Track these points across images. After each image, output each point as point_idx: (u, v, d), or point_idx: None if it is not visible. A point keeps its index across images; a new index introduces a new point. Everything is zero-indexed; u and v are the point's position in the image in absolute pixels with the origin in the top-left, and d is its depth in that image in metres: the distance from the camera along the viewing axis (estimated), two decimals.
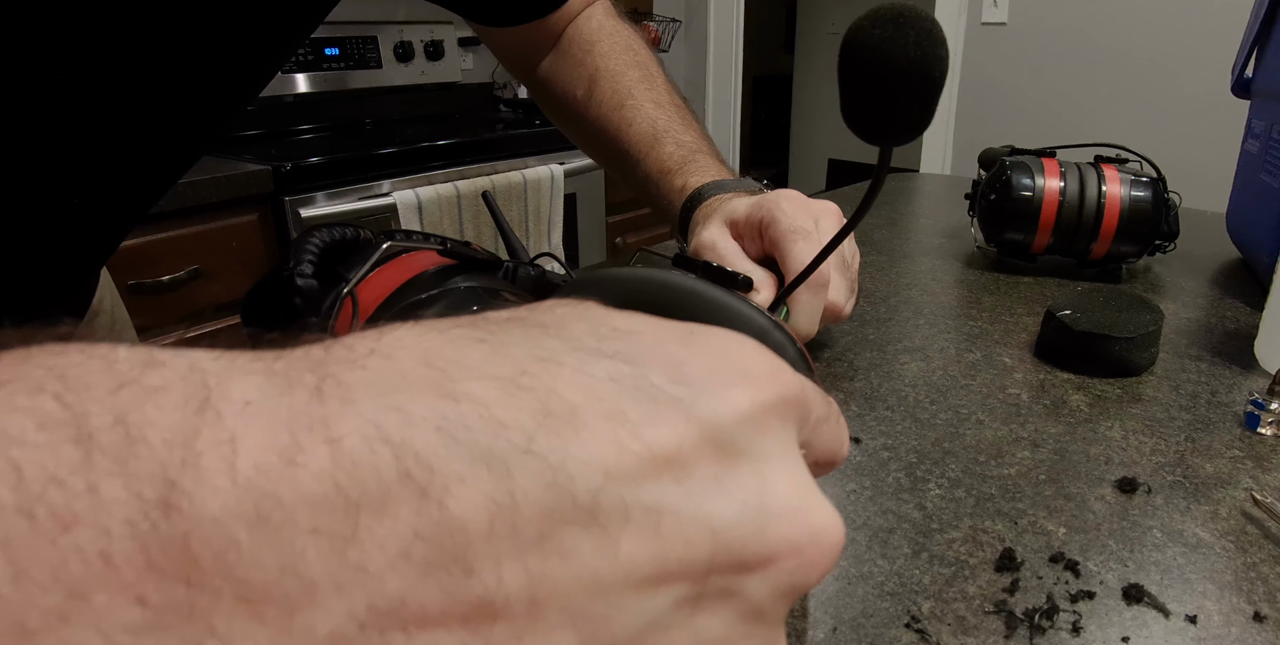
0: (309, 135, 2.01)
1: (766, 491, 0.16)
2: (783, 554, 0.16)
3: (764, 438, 0.17)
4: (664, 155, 0.59)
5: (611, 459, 0.14)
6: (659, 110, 0.61)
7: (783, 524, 0.16)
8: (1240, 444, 0.47)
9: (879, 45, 0.28)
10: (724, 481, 0.16)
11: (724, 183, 0.56)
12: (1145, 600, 0.34)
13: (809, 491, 0.17)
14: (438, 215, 1.68)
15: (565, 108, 0.67)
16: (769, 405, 0.17)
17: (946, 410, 0.51)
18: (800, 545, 0.16)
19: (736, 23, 2.99)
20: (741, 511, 0.16)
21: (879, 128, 0.29)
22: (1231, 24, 2.14)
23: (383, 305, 0.34)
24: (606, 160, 0.67)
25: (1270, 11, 0.76)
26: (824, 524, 0.17)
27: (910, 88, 0.28)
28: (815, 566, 0.17)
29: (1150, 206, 0.72)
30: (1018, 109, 2.61)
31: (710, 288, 0.32)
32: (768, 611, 0.16)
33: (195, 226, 1.44)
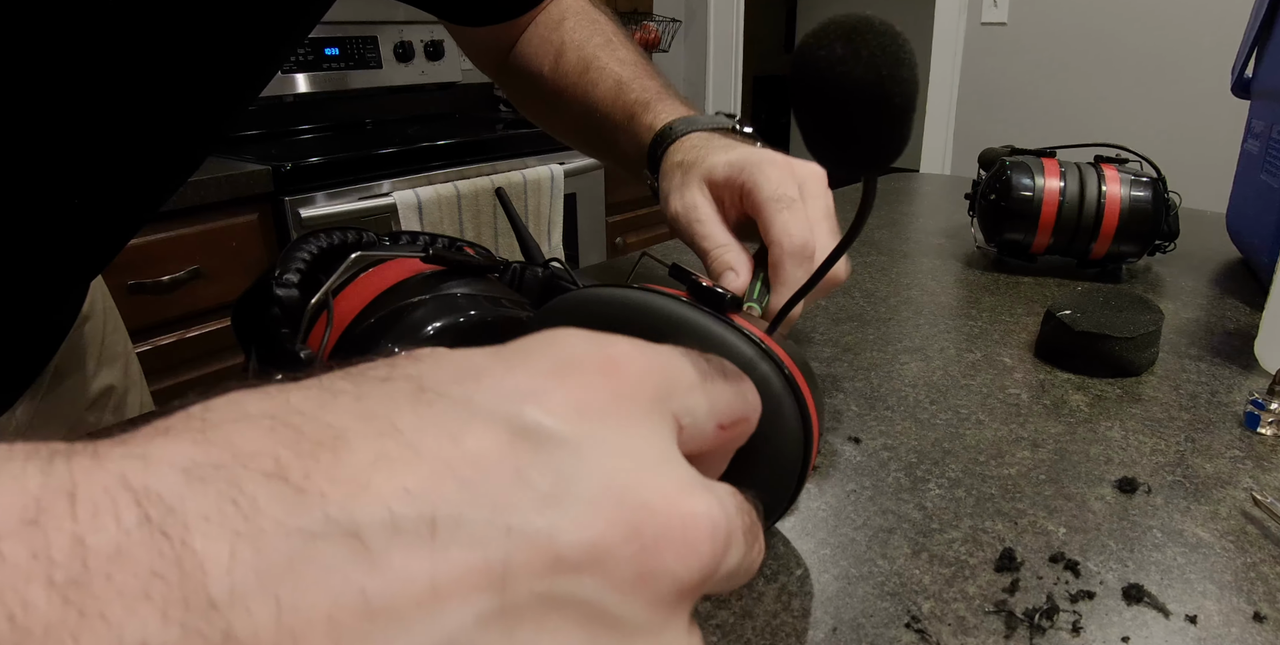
0: (309, 135, 2.01)
1: (585, 477, 0.15)
2: (612, 543, 0.14)
3: (587, 422, 0.16)
4: (629, 101, 0.57)
5: (373, 473, 0.13)
6: (622, 67, 0.60)
7: (606, 509, 0.14)
8: (1240, 444, 0.47)
9: (829, 67, 0.24)
10: (527, 474, 0.14)
11: (694, 119, 0.54)
12: (1145, 600, 0.34)
13: (653, 469, 0.16)
14: (438, 215, 1.68)
15: (533, 87, 0.66)
16: (593, 388, 0.16)
17: (946, 410, 0.51)
18: (635, 528, 0.15)
19: (736, 23, 2.99)
20: (546, 503, 0.14)
21: (842, 157, 0.26)
22: (1231, 24, 2.14)
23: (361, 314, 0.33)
24: (576, 131, 0.65)
25: (1270, 11, 0.76)
26: (667, 501, 0.15)
27: (869, 114, 0.24)
28: (666, 551, 0.15)
29: (1150, 206, 0.72)
30: (1018, 109, 2.61)
31: (696, 315, 0.30)
32: (623, 615, 0.14)
33: (195, 226, 1.44)
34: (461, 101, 2.39)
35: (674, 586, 0.15)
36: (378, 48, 2.12)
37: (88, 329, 0.61)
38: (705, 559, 0.15)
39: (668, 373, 0.18)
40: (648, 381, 0.17)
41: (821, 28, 0.25)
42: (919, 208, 1.07)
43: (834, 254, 0.29)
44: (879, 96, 0.24)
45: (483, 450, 0.14)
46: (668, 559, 0.15)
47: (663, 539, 0.15)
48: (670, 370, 0.18)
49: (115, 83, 0.38)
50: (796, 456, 0.31)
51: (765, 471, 0.31)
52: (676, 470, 0.16)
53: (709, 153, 0.49)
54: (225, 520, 0.12)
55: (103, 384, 0.62)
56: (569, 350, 0.17)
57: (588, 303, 0.32)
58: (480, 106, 2.48)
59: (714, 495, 0.16)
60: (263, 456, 0.13)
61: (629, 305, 0.31)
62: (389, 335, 0.32)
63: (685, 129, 0.53)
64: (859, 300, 0.70)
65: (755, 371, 0.29)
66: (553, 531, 0.14)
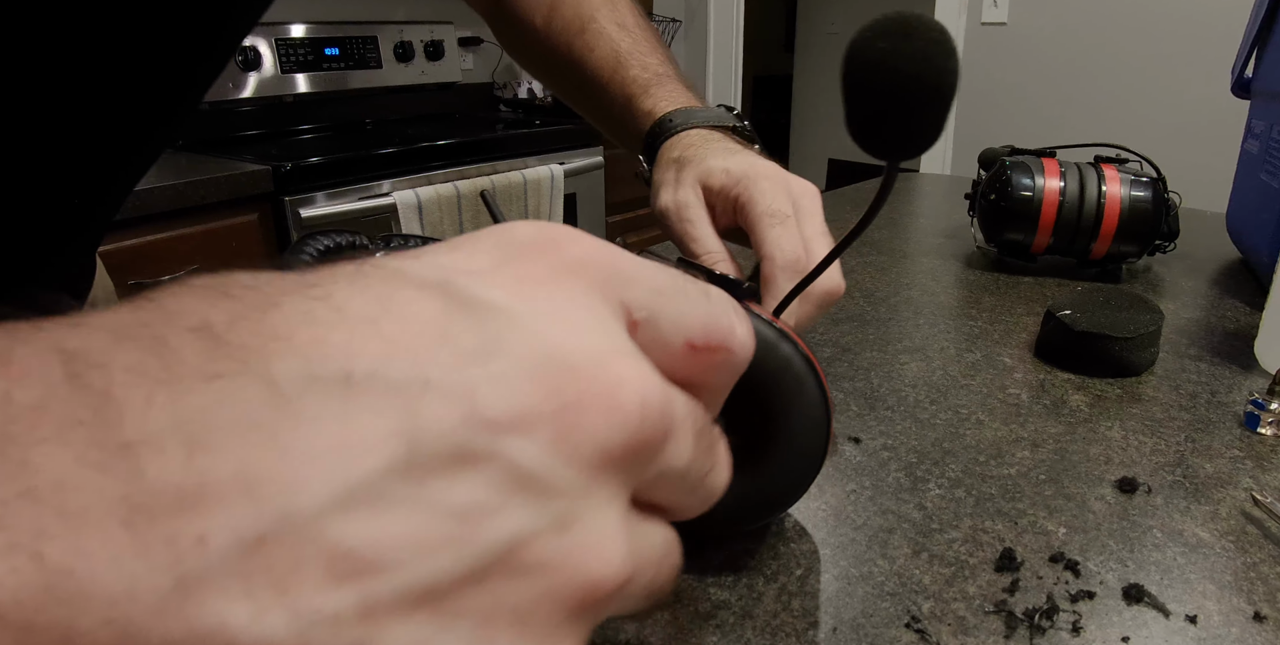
0: (309, 135, 2.01)
1: (513, 339, 0.15)
2: (532, 401, 0.14)
3: (523, 290, 0.16)
4: (628, 79, 0.55)
5: (296, 328, 0.13)
6: (622, 32, 0.58)
7: (529, 368, 0.14)
8: (1240, 444, 0.47)
9: (884, 59, 0.26)
10: (454, 333, 0.14)
11: (694, 111, 0.52)
12: (1145, 600, 0.34)
13: (585, 336, 0.15)
14: (438, 215, 1.68)
15: (524, 36, 0.62)
16: (533, 263, 0.16)
17: (946, 410, 0.51)
18: (557, 388, 0.14)
19: (736, 23, 2.99)
20: (469, 360, 0.14)
21: (885, 143, 0.28)
22: (1231, 24, 2.14)
23: None
24: (566, 91, 0.62)
25: (1270, 11, 0.76)
26: (595, 363, 0.15)
27: (918, 103, 0.27)
28: (590, 411, 0.14)
29: (1150, 206, 0.72)
30: (1018, 109, 2.61)
31: None
32: (540, 475, 0.14)
33: (195, 226, 1.44)
34: (461, 101, 2.39)
35: (596, 449, 0.15)
36: (378, 48, 2.12)
37: None
38: (632, 424, 0.15)
39: (620, 265, 0.17)
40: (592, 264, 0.17)
41: (877, 22, 0.27)
42: (919, 208, 1.07)
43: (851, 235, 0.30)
44: (930, 86, 0.26)
45: (411, 312, 0.14)
46: (591, 419, 0.14)
47: (586, 399, 0.14)
48: (625, 263, 0.17)
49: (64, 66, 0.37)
50: (820, 435, 0.32)
51: (787, 451, 0.32)
52: (612, 339, 0.16)
53: (707, 154, 0.49)
54: (147, 370, 0.12)
55: None
56: (514, 233, 0.17)
57: None
58: (480, 106, 2.48)
59: (653, 375, 0.16)
60: (191, 315, 0.13)
61: None
62: None
63: (685, 123, 0.52)
64: (859, 300, 0.70)
65: (777, 352, 0.31)
66: (471, 386, 0.14)
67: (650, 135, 0.52)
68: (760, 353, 0.31)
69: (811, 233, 0.45)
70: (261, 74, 1.91)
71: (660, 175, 0.50)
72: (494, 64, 2.52)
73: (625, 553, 0.15)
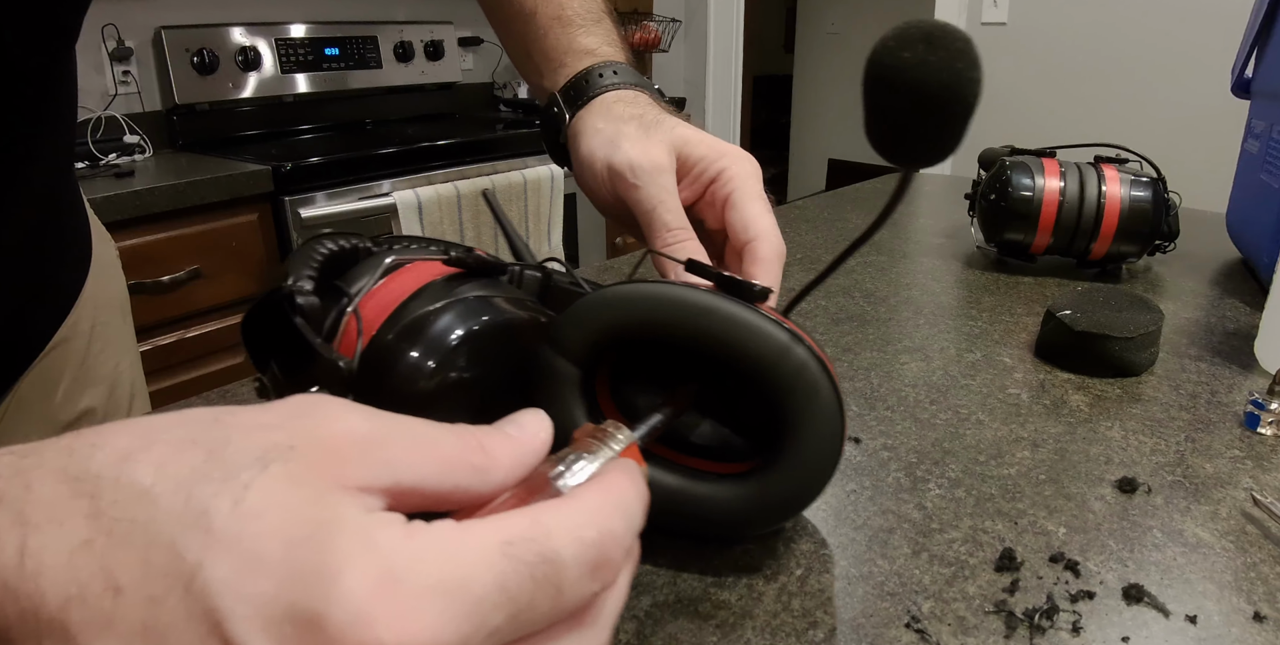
0: (309, 135, 2.01)
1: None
2: None
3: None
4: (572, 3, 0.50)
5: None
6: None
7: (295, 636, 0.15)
8: (1240, 444, 0.47)
9: (908, 69, 0.26)
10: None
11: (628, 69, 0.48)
12: (1145, 600, 0.34)
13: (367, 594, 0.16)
14: (438, 215, 1.68)
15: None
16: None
17: (946, 410, 0.51)
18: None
19: (736, 23, 2.99)
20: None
21: (907, 151, 0.28)
22: (1231, 24, 2.14)
23: (388, 321, 0.33)
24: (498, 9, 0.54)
25: (1270, 11, 0.76)
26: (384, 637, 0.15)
27: (943, 113, 0.26)
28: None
29: (1150, 206, 0.72)
30: (1018, 109, 2.61)
31: (730, 305, 0.32)
32: None
33: (195, 226, 1.44)
34: (461, 101, 2.39)
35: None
36: (378, 48, 2.12)
37: (59, 353, 0.56)
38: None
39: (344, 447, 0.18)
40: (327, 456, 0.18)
41: (902, 31, 0.27)
42: (919, 208, 1.07)
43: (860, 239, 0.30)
44: (956, 96, 0.26)
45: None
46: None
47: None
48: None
49: None
50: (834, 440, 0.32)
51: (802, 456, 0.33)
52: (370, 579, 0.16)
53: (675, 123, 0.45)
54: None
55: (79, 408, 0.58)
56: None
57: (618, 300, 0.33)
58: (480, 106, 2.48)
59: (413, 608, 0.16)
60: None
61: (662, 299, 0.32)
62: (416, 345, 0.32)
63: (635, 82, 0.48)
64: (859, 300, 0.70)
65: (791, 356, 0.31)
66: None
67: (586, 74, 0.47)
68: (775, 358, 0.31)
69: None
70: (261, 74, 1.91)
71: (609, 125, 0.45)
72: (494, 64, 2.52)
73: None
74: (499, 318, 0.34)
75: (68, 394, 0.57)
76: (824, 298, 0.71)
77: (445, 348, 0.32)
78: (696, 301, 0.32)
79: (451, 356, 0.32)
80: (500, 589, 0.16)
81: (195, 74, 1.80)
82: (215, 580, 0.15)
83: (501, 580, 0.17)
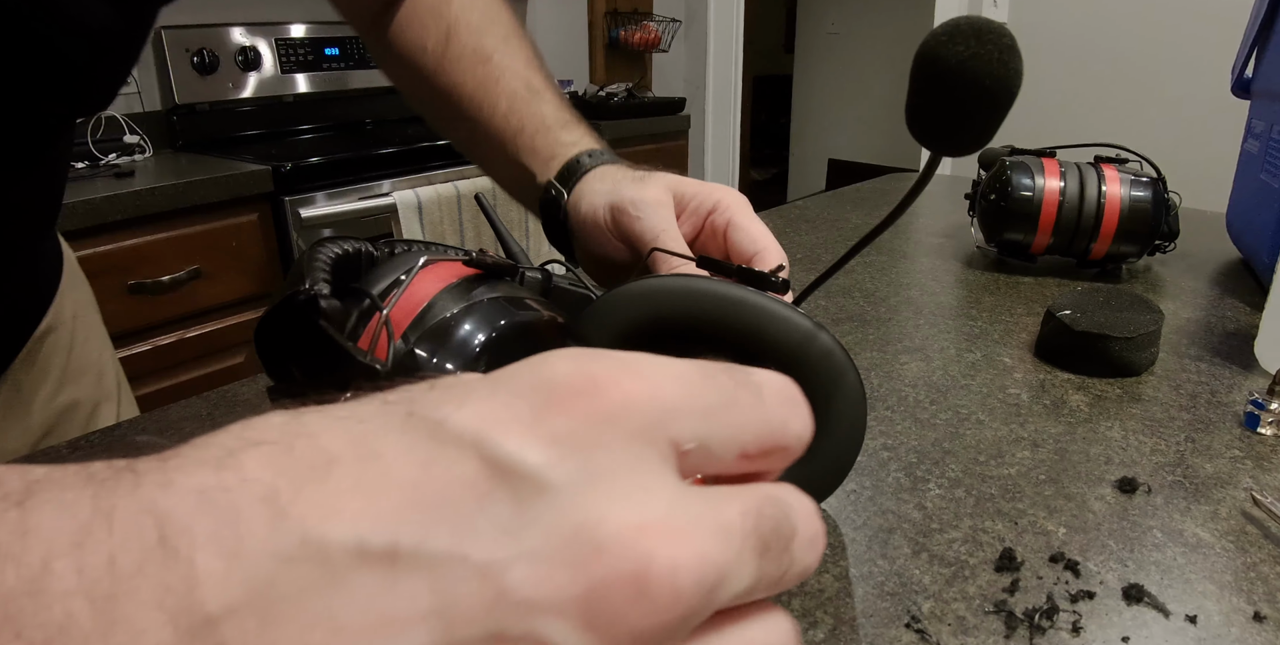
0: (309, 135, 2.01)
1: (546, 512, 0.15)
2: (559, 584, 0.14)
3: (558, 450, 0.15)
4: (545, 111, 0.54)
5: (349, 499, 0.14)
6: (530, 71, 0.56)
7: (559, 548, 0.14)
8: (1240, 444, 0.47)
9: (964, 62, 0.27)
10: (490, 505, 0.15)
11: (614, 156, 0.52)
12: (1145, 600, 0.34)
13: (620, 505, 0.15)
14: (438, 215, 1.68)
15: (412, 62, 0.59)
16: (571, 413, 0.16)
17: (946, 410, 0.51)
18: (585, 572, 0.14)
19: (736, 23, 2.98)
20: (503, 537, 0.14)
21: (950, 140, 0.29)
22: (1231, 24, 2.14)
23: (413, 323, 0.33)
24: (456, 118, 0.58)
25: (1270, 11, 0.76)
26: (624, 544, 0.14)
27: (991, 104, 0.28)
28: (617, 598, 0.14)
29: (1150, 206, 0.72)
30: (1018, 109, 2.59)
31: (753, 294, 0.32)
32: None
33: (195, 226, 1.44)
34: None
35: (628, 634, 0.14)
36: None
37: (49, 342, 0.58)
38: (662, 607, 0.14)
39: (663, 395, 0.17)
40: (635, 406, 0.16)
41: (951, 27, 0.28)
42: (919, 208, 1.07)
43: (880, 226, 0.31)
44: (1005, 87, 0.28)
45: (451, 477, 0.15)
46: (618, 606, 0.14)
47: (613, 585, 0.14)
48: (668, 392, 0.17)
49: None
50: (860, 423, 0.33)
51: (831, 439, 0.33)
52: (648, 506, 0.15)
53: (665, 173, 0.49)
54: (224, 541, 0.14)
55: (67, 399, 0.60)
56: (552, 373, 0.16)
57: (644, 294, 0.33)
58: None
59: (689, 533, 0.15)
60: (260, 481, 0.14)
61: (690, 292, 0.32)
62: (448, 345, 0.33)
63: (615, 161, 0.52)
64: (859, 300, 0.70)
65: (817, 342, 0.31)
66: (505, 566, 0.14)
67: (576, 158, 0.51)
68: (801, 343, 0.31)
69: None
70: (261, 74, 1.91)
71: (605, 183, 0.48)
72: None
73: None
74: (524, 317, 0.34)
75: (59, 382, 0.59)
76: (824, 298, 0.71)
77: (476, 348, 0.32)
78: (723, 292, 0.32)
79: (483, 355, 0.32)
80: (755, 535, 0.16)
81: (195, 74, 1.80)
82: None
83: (757, 532, 0.17)
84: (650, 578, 0.14)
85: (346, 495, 0.14)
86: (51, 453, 0.47)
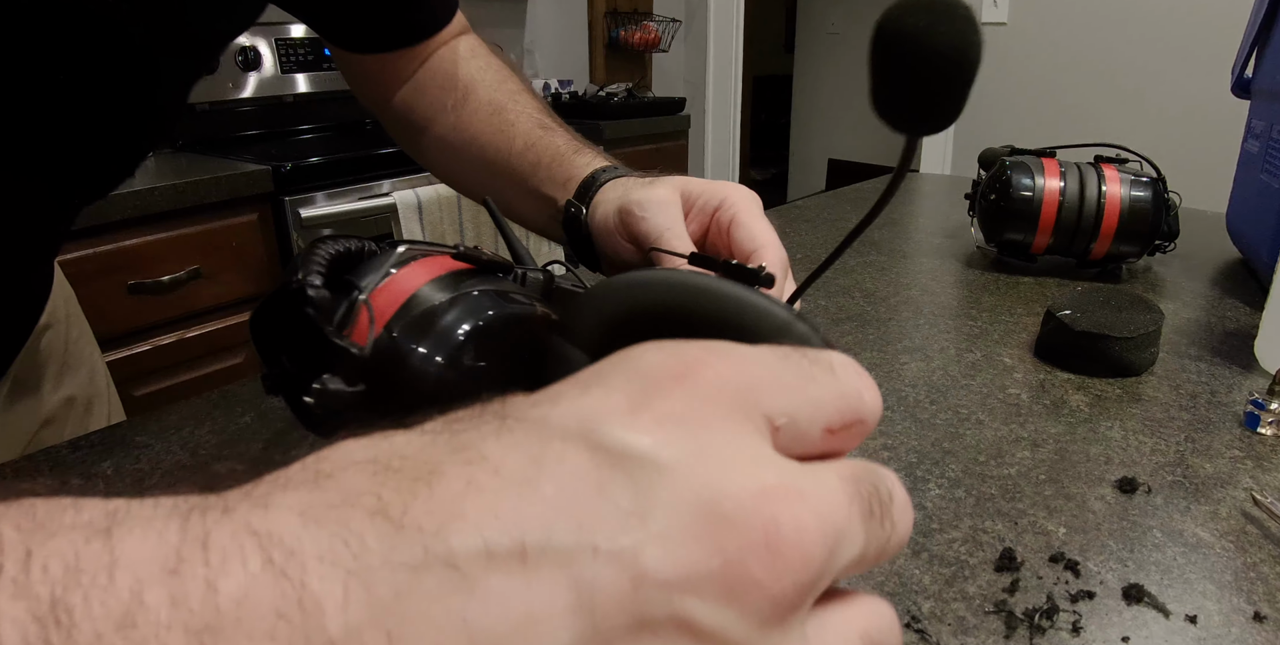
0: (309, 135, 2.01)
1: (666, 490, 0.15)
2: (696, 559, 0.14)
3: (664, 431, 0.15)
4: (556, 146, 0.57)
5: (464, 501, 0.14)
6: (544, 115, 0.60)
7: (687, 523, 0.14)
8: (1240, 444, 0.47)
9: (920, 34, 0.27)
10: (609, 490, 0.14)
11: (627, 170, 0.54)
12: (1145, 600, 0.34)
13: (736, 476, 0.15)
14: (438, 215, 1.68)
15: (428, 128, 0.63)
16: (670, 396, 0.16)
17: (946, 410, 0.51)
18: (718, 543, 0.14)
19: (736, 23, 2.98)
20: (629, 521, 0.14)
21: (914, 118, 0.29)
22: (1231, 24, 2.14)
23: (399, 311, 0.34)
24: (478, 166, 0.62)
25: (1270, 11, 0.76)
26: (749, 511, 0.15)
27: (952, 76, 0.28)
28: (752, 564, 0.14)
29: (1150, 206, 0.72)
30: (1018, 109, 2.61)
31: (730, 285, 0.32)
32: (721, 630, 0.14)
33: (195, 226, 1.44)
34: None
35: (767, 599, 0.14)
36: None
37: (48, 338, 0.59)
38: (796, 568, 0.15)
39: (751, 374, 0.17)
40: (729, 385, 0.17)
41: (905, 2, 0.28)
42: (919, 208, 1.07)
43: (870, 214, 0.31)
44: (965, 59, 0.27)
45: (564, 469, 0.15)
46: (755, 572, 0.14)
47: (747, 552, 0.14)
48: (754, 371, 0.17)
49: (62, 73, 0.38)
50: None
51: None
52: (762, 474, 0.16)
53: (674, 175, 0.50)
54: (338, 560, 0.13)
55: (64, 394, 0.61)
56: (643, 363, 0.17)
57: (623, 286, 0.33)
58: None
59: (806, 495, 0.16)
60: (367, 495, 0.14)
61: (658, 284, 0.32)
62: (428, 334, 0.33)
63: (628, 172, 0.53)
64: (859, 300, 0.70)
65: (794, 330, 0.31)
66: (637, 550, 0.14)
67: (589, 179, 0.53)
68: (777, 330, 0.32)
69: None
70: (261, 74, 1.91)
71: (621, 191, 0.50)
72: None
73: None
74: (511, 310, 0.35)
75: (55, 379, 0.60)
76: (824, 298, 0.71)
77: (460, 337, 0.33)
78: (695, 283, 0.32)
79: (467, 345, 0.32)
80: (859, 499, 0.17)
81: None
82: None
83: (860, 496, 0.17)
84: (781, 539, 0.15)
85: (460, 500, 0.14)
86: (52, 452, 0.47)
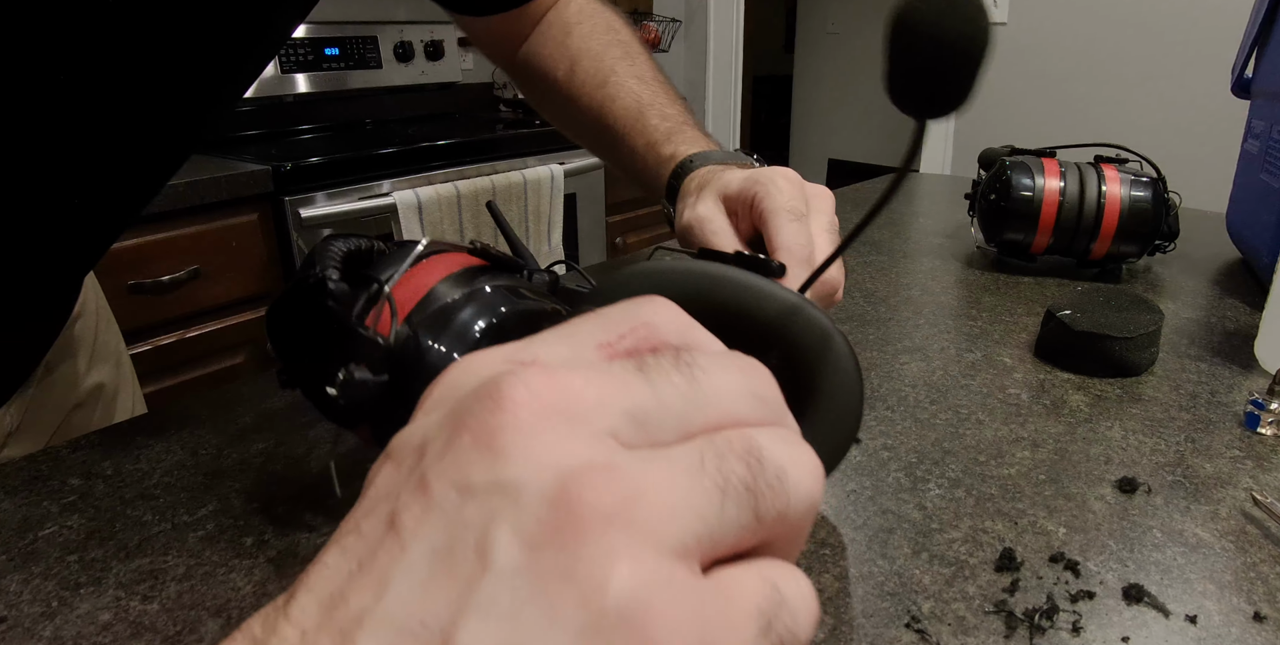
0: (309, 135, 2.01)
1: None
2: None
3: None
4: (649, 127, 0.58)
5: None
6: (642, 85, 0.61)
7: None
8: (1240, 444, 0.47)
9: (936, 20, 0.28)
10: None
11: (711, 154, 0.55)
12: (1145, 600, 0.34)
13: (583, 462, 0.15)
14: (438, 215, 1.68)
15: (547, 90, 0.66)
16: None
17: (946, 410, 0.51)
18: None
19: (736, 23, 2.98)
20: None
21: (926, 102, 0.30)
22: (1231, 24, 2.14)
23: (418, 306, 0.35)
24: (590, 139, 0.66)
25: (1270, 11, 0.76)
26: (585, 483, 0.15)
27: (965, 61, 0.29)
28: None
29: (1150, 206, 0.72)
30: (1018, 109, 2.61)
31: (741, 272, 0.32)
32: None
33: (195, 226, 1.44)
34: (461, 101, 2.39)
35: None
36: (378, 48, 2.12)
37: (79, 327, 0.61)
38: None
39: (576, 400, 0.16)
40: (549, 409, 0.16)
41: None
42: (919, 208, 1.07)
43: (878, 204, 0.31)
44: (976, 45, 0.28)
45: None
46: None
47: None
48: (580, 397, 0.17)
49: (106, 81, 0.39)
50: (855, 392, 0.33)
51: (826, 411, 0.33)
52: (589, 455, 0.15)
53: (725, 172, 0.50)
54: None
55: (93, 382, 0.62)
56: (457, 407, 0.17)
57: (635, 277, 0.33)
58: (480, 106, 2.48)
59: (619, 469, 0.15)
60: None
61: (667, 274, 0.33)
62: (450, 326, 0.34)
63: (703, 161, 0.54)
64: (859, 300, 0.70)
65: (801, 314, 0.31)
66: None
67: (673, 177, 0.54)
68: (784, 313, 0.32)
69: (818, 229, 0.45)
70: (261, 74, 1.91)
71: (682, 203, 0.51)
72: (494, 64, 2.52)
73: None
74: (527, 305, 0.35)
75: (85, 367, 0.62)
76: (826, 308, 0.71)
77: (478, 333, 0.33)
78: (703, 270, 0.33)
79: (484, 341, 0.33)
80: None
81: None
82: None
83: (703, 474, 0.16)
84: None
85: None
86: (52, 452, 0.47)
